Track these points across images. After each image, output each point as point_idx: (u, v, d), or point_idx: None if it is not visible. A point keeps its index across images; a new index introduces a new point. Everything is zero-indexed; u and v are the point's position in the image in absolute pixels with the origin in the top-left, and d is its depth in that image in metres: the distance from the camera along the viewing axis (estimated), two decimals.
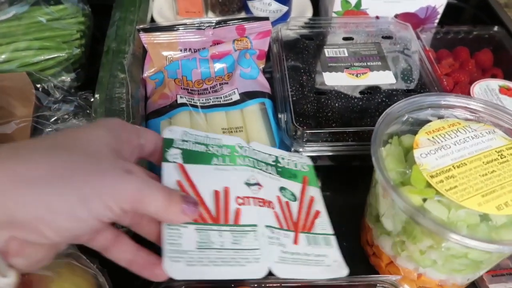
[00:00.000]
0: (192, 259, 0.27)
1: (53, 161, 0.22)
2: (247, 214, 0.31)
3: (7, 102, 0.46)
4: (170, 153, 0.31)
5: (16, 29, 0.53)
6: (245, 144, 0.36)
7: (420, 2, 0.59)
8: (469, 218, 0.29)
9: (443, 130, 0.34)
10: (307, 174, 0.38)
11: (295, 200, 0.35)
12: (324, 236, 0.34)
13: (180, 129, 0.33)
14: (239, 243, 0.29)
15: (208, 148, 0.34)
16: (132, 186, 0.24)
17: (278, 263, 0.30)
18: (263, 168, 0.36)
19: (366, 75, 0.50)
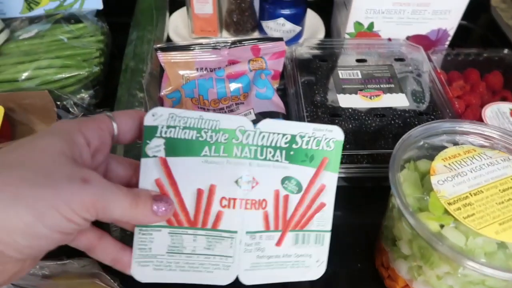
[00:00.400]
0: (160, 264, 0.29)
1: (4, 182, 0.22)
2: (229, 219, 0.30)
3: (29, 119, 0.47)
4: (151, 145, 0.28)
5: (38, 47, 0.54)
6: (250, 127, 0.30)
7: (431, 24, 0.60)
8: (486, 246, 0.30)
9: (459, 157, 0.35)
10: (329, 154, 0.32)
11: (299, 191, 0.32)
12: (317, 233, 0.33)
13: (166, 111, 0.28)
14: (212, 249, 0.30)
15: (200, 133, 0.29)
16: (89, 194, 0.23)
17: (248, 270, 0.31)
18: (269, 155, 0.31)
19: (379, 97, 0.51)
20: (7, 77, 0.51)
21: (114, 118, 0.28)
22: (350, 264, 0.43)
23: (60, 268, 0.36)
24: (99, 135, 0.26)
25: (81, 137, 0.25)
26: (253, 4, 0.64)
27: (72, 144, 0.24)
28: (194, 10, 0.62)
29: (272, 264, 0.32)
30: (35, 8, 0.61)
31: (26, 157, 0.23)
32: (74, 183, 0.23)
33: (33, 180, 0.22)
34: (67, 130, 0.25)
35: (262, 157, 0.31)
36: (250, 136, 0.30)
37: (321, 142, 0.32)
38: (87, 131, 0.26)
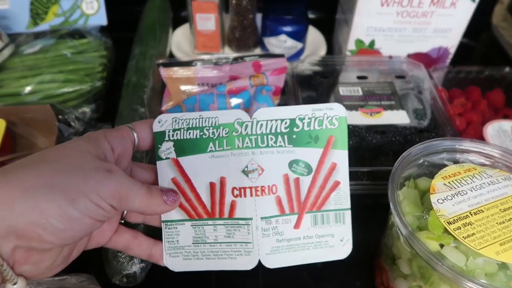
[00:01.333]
0: (188, 254, 0.32)
1: (40, 173, 0.24)
2: (242, 207, 0.31)
3: (30, 133, 0.48)
4: (163, 148, 0.31)
5: (41, 62, 0.55)
6: (246, 118, 0.31)
7: (432, 42, 0.60)
8: (487, 267, 0.29)
9: (459, 176, 0.34)
10: (335, 131, 0.32)
11: (310, 173, 0.32)
12: (336, 212, 0.33)
13: (170, 117, 0.31)
14: (232, 237, 0.32)
15: (203, 132, 0.31)
16: (114, 183, 0.26)
17: (270, 254, 0.32)
18: (271, 142, 0.32)
19: (380, 114, 0.51)
20: (11, 91, 0.52)
21: (134, 127, 0.31)
22: (349, 282, 0.42)
23: (58, 283, 0.36)
24: (122, 142, 0.30)
25: (106, 142, 0.28)
26: (255, 21, 0.65)
27: (97, 146, 0.28)
28: (196, 26, 0.63)
29: (294, 247, 0.32)
30: (41, 23, 0.62)
31: (58, 154, 0.26)
32: (100, 173, 0.26)
33: (66, 171, 0.25)
34: (94, 136, 0.28)
35: (264, 145, 0.32)
36: (249, 127, 0.31)
37: (323, 121, 0.32)
38: (111, 138, 0.29)
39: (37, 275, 0.27)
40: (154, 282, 0.39)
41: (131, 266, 0.36)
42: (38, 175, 0.24)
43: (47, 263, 0.26)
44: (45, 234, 0.24)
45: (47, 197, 0.24)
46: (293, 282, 0.42)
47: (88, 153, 0.26)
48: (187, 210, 0.32)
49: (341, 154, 0.32)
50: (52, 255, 0.26)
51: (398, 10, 0.56)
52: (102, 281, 0.37)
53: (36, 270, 0.26)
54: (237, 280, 0.42)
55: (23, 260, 0.25)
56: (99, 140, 0.28)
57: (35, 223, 0.23)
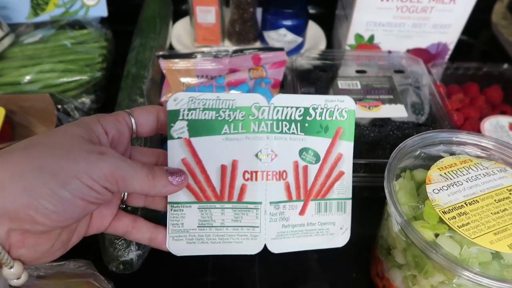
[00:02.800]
0: (192, 237, 0.32)
1: (30, 156, 0.24)
2: (252, 191, 0.32)
3: (29, 122, 0.48)
4: (176, 127, 0.31)
5: (41, 52, 0.55)
6: (264, 103, 0.32)
7: (431, 38, 0.60)
8: (481, 256, 0.29)
9: (455, 167, 0.35)
10: (343, 123, 0.33)
11: (317, 161, 0.33)
12: (338, 201, 0.34)
13: (186, 95, 0.31)
14: (240, 221, 0.32)
15: (219, 113, 0.31)
16: (107, 165, 0.25)
17: (275, 239, 0.32)
18: (285, 128, 0.32)
19: (378, 107, 0.51)
20: (10, 80, 0.52)
21: (132, 113, 0.30)
22: (346, 274, 0.43)
23: (56, 268, 0.36)
24: (116, 126, 0.29)
25: (99, 126, 0.28)
26: (255, 15, 0.65)
27: (90, 130, 0.27)
28: (197, 19, 0.63)
29: (297, 233, 0.33)
30: (41, 14, 0.62)
31: (48, 138, 0.26)
32: (92, 155, 0.25)
33: (55, 154, 0.25)
34: (86, 121, 0.28)
35: (278, 131, 0.32)
36: (265, 112, 0.32)
37: (334, 113, 0.33)
38: (105, 122, 0.28)
39: (35, 259, 0.26)
40: (151, 269, 0.40)
41: (128, 253, 0.37)
42: (27, 159, 0.24)
43: (44, 247, 0.26)
44: (37, 215, 0.24)
45: (37, 179, 0.23)
46: (290, 273, 0.42)
47: (79, 137, 0.26)
48: (195, 192, 0.31)
49: (347, 145, 0.34)
50: (50, 239, 0.26)
51: (398, 5, 0.56)
52: (99, 268, 0.37)
53: (34, 254, 0.26)
54: (234, 268, 0.42)
55: (19, 244, 0.25)
56: (92, 124, 0.28)
57: (26, 205, 0.23)
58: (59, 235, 0.27)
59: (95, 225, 0.30)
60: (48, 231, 0.26)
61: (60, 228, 0.27)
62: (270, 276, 0.42)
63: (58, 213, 0.24)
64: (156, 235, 0.32)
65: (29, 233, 0.25)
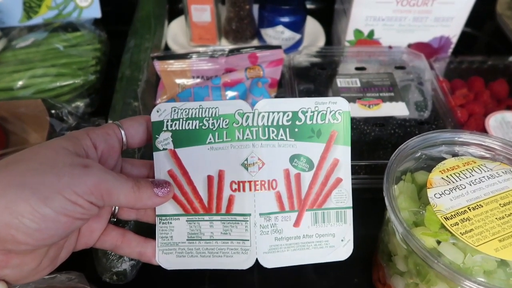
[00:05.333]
0: (182, 251, 0.31)
1: (10, 173, 0.23)
2: (241, 202, 0.30)
3: (22, 128, 0.47)
4: (160, 139, 0.30)
5: (34, 56, 0.54)
6: (248, 109, 0.30)
7: (433, 32, 0.59)
8: (485, 264, 0.28)
9: (458, 169, 0.33)
10: (338, 126, 0.31)
11: (311, 168, 0.31)
12: (337, 211, 0.32)
13: (169, 106, 0.30)
14: (229, 233, 0.31)
15: (202, 122, 0.30)
16: (92, 178, 0.25)
17: (268, 253, 0.31)
18: (272, 135, 0.31)
19: (378, 106, 0.49)
20: (3, 86, 0.51)
21: (121, 124, 0.30)
22: (347, 279, 0.41)
23: (47, 282, 0.35)
24: (105, 139, 0.28)
25: (87, 139, 0.27)
26: (252, 12, 0.64)
27: (77, 143, 0.26)
28: (192, 18, 0.62)
29: (293, 246, 0.31)
30: (34, 17, 0.61)
31: (32, 153, 0.25)
32: (76, 169, 0.24)
33: (37, 169, 0.24)
34: (75, 134, 0.27)
35: (264, 137, 0.30)
36: (250, 118, 0.30)
37: (326, 116, 0.31)
38: (94, 136, 0.28)
39: (21, 278, 0.25)
40: (144, 280, 0.39)
41: (121, 264, 0.36)
42: (8, 176, 0.23)
43: (31, 266, 0.25)
44: (19, 235, 0.23)
45: (18, 196, 0.22)
46: (290, 279, 0.41)
47: (64, 150, 0.25)
48: (183, 205, 0.31)
49: (343, 150, 0.32)
50: (36, 258, 0.25)
51: None
52: (92, 279, 0.36)
53: (19, 273, 0.25)
54: (232, 278, 0.41)
55: (2, 264, 0.24)
56: (79, 138, 0.27)
57: (7, 224, 0.22)
58: (46, 252, 0.26)
59: (83, 240, 0.29)
60: (32, 250, 0.25)
61: (45, 246, 0.25)
62: (269, 284, 0.41)
63: (41, 231, 0.23)
64: (146, 249, 0.31)
65: (13, 253, 0.24)
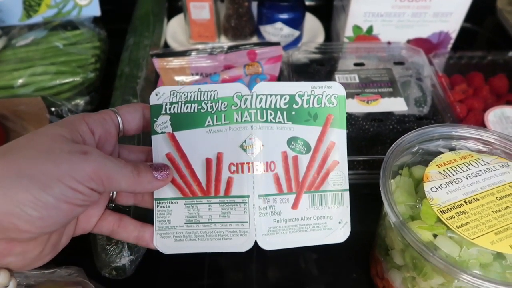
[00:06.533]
0: (180, 235, 0.31)
1: (6, 162, 0.23)
2: (239, 184, 0.31)
3: (22, 126, 0.47)
4: (158, 122, 0.30)
5: (33, 54, 0.54)
6: (246, 91, 0.31)
7: (432, 27, 0.58)
8: (481, 257, 0.28)
9: (455, 163, 0.33)
10: (334, 110, 0.31)
11: (308, 151, 0.31)
12: (334, 193, 0.32)
13: (168, 89, 0.31)
14: (228, 216, 0.31)
15: (201, 105, 0.30)
16: (91, 164, 0.24)
17: (267, 235, 0.31)
18: (270, 117, 0.31)
19: (377, 101, 0.49)
20: (3, 84, 0.52)
21: (118, 111, 0.30)
22: (346, 273, 0.41)
23: (46, 276, 0.35)
24: (102, 125, 0.28)
25: (84, 124, 0.27)
26: (250, 9, 0.64)
27: (73, 129, 0.26)
28: (191, 15, 0.62)
29: (291, 228, 0.31)
30: (34, 15, 0.61)
31: (28, 141, 0.25)
32: (75, 156, 0.24)
33: (36, 157, 0.24)
34: (70, 120, 0.27)
35: (262, 120, 0.31)
36: (248, 100, 0.31)
37: (322, 100, 0.31)
38: (91, 121, 0.28)
39: (24, 266, 0.26)
40: (144, 275, 0.39)
41: (120, 259, 0.36)
42: (6, 165, 0.23)
43: (34, 253, 0.26)
44: (21, 223, 0.23)
45: (17, 185, 0.22)
46: (288, 274, 0.41)
47: (60, 137, 0.25)
48: (181, 188, 0.31)
49: (339, 133, 0.32)
50: (38, 245, 0.26)
51: None
52: (92, 273, 0.36)
53: (22, 261, 0.25)
54: (230, 270, 0.41)
55: (5, 252, 0.24)
56: (76, 124, 0.27)
57: (8, 213, 0.22)
58: (48, 239, 0.26)
59: (81, 225, 0.30)
60: (35, 238, 0.25)
61: (47, 233, 0.26)
62: (268, 278, 0.41)
63: (43, 219, 0.23)
64: (143, 233, 0.31)
65: (16, 241, 0.24)
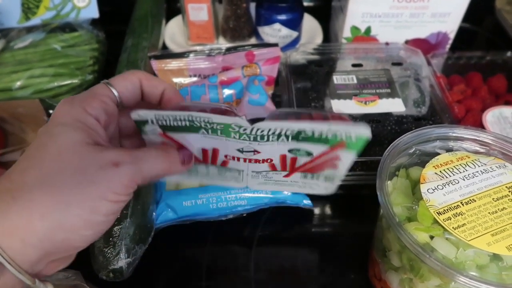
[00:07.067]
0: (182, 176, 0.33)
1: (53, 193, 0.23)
2: (235, 165, 0.32)
3: (20, 128, 0.47)
4: (147, 130, 0.28)
5: (32, 56, 0.54)
6: (246, 125, 0.27)
7: (430, 28, 0.58)
8: (478, 258, 0.28)
9: (451, 164, 0.33)
10: (349, 143, 0.27)
11: (310, 156, 0.29)
12: (326, 176, 0.32)
13: (151, 113, 0.27)
14: (224, 175, 0.33)
15: (193, 123, 0.27)
16: (125, 175, 0.25)
17: (258, 184, 0.35)
18: (273, 138, 0.28)
19: (375, 102, 0.49)
20: (1, 86, 0.52)
21: (113, 85, 0.28)
22: (344, 274, 0.41)
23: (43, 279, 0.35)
24: (105, 110, 0.27)
25: (90, 118, 0.26)
26: (249, 10, 0.64)
27: (87, 129, 0.25)
28: (189, 17, 0.62)
29: (280, 183, 0.34)
30: (32, 18, 0.61)
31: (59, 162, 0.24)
32: (108, 171, 0.24)
33: (76, 183, 0.24)
34: (75, 117, 0.25)
35: (263, 141, 0.28)
36: (248, 129, 0.27)
37: (338, 136, 0.27)
38: (93, 110, 0.26)
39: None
40: (141, 277, 0.39)
41: (117, 262, 0.36)
42: (50, 196, 0.23)
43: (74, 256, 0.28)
44: (77, 243, 0.25)
45: (68, 214, 0.23)
46: (286, 276, 0.41)
47: (84, 147, 0.25)
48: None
49: (348, 155, 0.28)
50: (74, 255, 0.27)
51: None
52: (89, 276, 0.36)
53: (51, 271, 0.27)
54: (229, 272, 0.41)
55: (51, 270, 0.26)
56: (84, 120, 0.25)
57: (65, 239, 0.24)
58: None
59: None
60: None
61: None
62: (266, 280, 0.41)
63: (94, 234, 0.25)
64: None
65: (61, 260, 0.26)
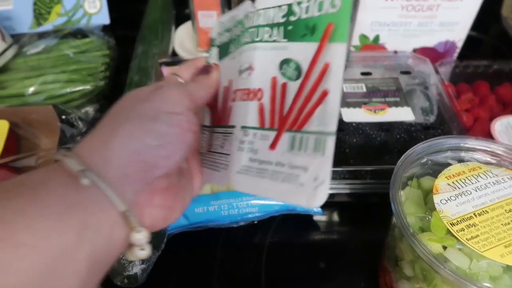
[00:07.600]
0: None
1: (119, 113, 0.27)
2: (234, 113, 0.32)
3: (33, 134, 0.48)
4: (211, 53, 0.34)
5: (44, 62, 0.55)
6: (251, 9, 0.31)
7: (438, 36, 0.59)
8: (491, 270, 0.28)
9: (464, 175, 0.33)
10: (335, 17, 0.26)
11: (299, 76, 0.28)
12: (317, 137, 0.26)
13: (217, 21, 0.35)
14: (224, 147, 0.32)
15: (229, 32, 0.34)
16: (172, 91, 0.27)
17: (239, 173, 0.29)
18: (266, 35, 0.30)
19: (384, 111, 0.50)
20: (14, 92, 0.52)
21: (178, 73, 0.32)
22: (354, 282, 0.42)
23: None
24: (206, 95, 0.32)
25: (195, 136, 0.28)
26: None
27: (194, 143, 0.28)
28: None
29: (263, 172, 0.28)
30: (44, 23, 0.62)
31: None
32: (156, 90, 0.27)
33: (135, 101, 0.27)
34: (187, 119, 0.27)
35: (258, 39, 0.30)
36: (251, 19, 0.31)
37: (323, 4, 0.26)
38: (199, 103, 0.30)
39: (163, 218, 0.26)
40: (155, 283, 0.39)
41: (132, 268, 0.36)
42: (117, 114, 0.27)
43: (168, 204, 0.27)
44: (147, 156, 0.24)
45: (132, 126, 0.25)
46: (296, 283, 0.42)
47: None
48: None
49: (337, 50, 0.26)
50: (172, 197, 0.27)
51: (403, 3, 0.55)
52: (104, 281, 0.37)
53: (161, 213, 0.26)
54: (240, 278, 0.41)
55: (147, 202, 0.25)
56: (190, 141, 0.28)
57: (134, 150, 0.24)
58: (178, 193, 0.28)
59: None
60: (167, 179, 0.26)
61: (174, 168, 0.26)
62: (276, 286, 0.41)
63: (164, 147, 0.25)
64: None
65: (154, 190, 0.25)
